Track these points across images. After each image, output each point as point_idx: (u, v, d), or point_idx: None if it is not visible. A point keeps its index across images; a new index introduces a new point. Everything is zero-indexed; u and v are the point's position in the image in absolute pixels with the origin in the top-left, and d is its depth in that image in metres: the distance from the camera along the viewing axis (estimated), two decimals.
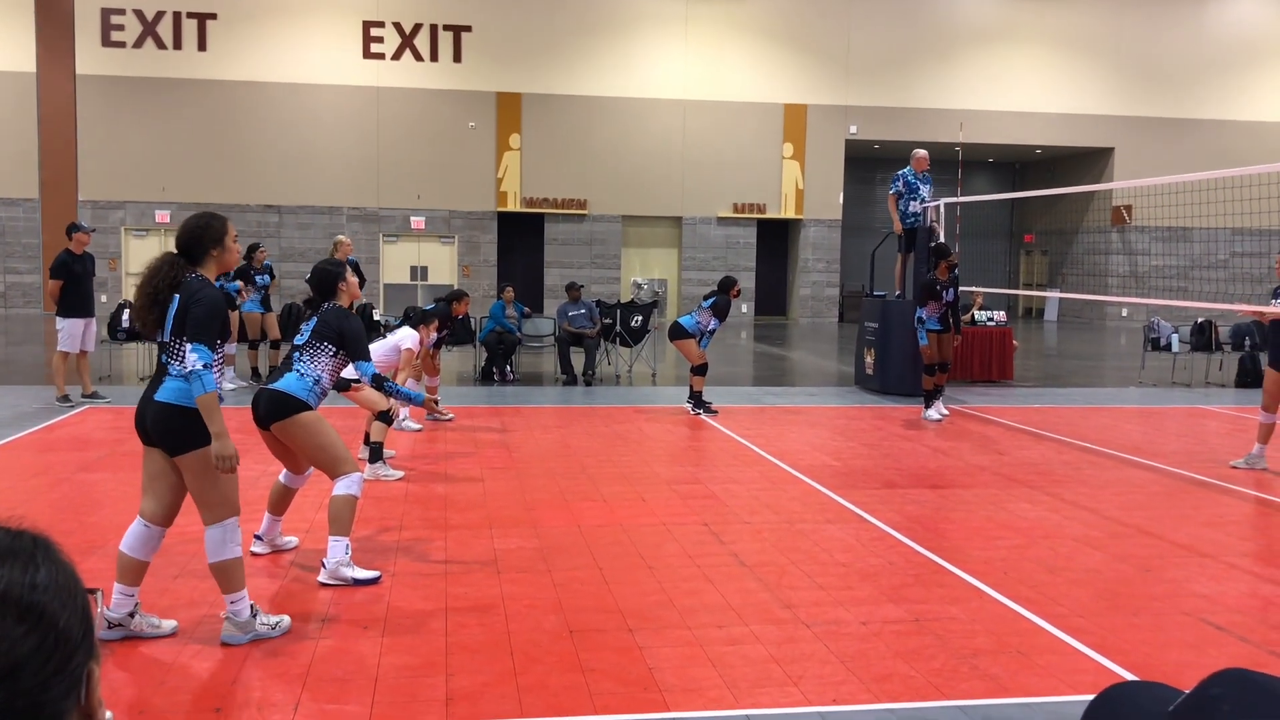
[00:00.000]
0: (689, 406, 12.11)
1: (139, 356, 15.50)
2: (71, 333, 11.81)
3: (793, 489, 8.27)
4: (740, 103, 28.81)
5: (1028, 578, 5.98)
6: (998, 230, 34.80)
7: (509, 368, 14.93)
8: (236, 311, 13.68)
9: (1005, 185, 34.79)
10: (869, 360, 14.56)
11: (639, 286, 28.33)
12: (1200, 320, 16.75)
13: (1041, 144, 30.65)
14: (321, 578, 5.67)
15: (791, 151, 29.31)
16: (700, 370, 12.10)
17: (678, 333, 12.22)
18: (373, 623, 5.08)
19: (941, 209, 14.23)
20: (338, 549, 5.65)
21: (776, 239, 30.66)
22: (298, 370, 5.77)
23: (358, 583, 5.64)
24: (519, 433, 10.65)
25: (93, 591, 1.05)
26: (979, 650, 4.83)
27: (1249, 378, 15.96)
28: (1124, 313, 30.84)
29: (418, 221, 27.80)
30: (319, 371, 5.77)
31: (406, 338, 9.26)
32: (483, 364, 15.17)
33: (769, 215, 29.49)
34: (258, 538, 6.26)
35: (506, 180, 28.09)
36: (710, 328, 12.18)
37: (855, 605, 5.44)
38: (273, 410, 5.66)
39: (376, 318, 15.61)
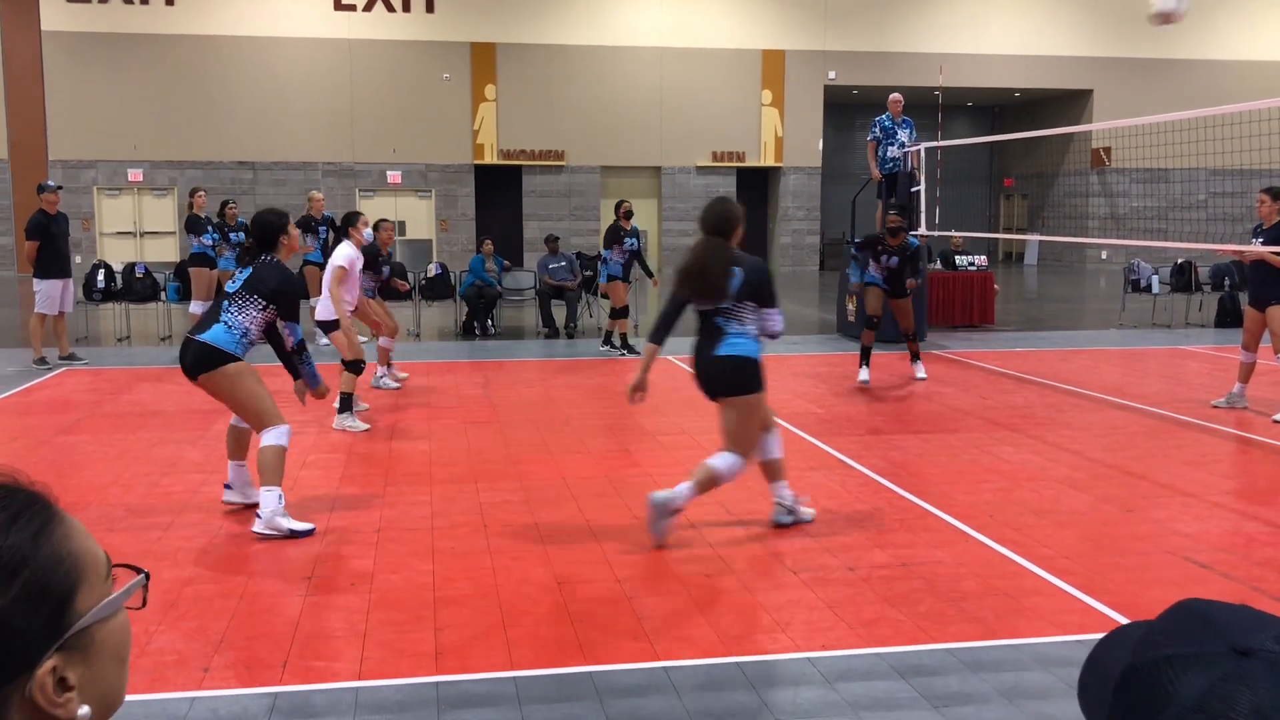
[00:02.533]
0: (615, 350, 12.96)
1: (115, 317, 15.35)
2: (49, 294, 11.67)
3: None
4: (717, 49, 28.52)
5: (1013, 520, 6.00)
6: (977, 174, 34.71)
7: (490, 321, 14.85)
8: (214, 270, 13.54)
9: (985, 129, 34.65)
10: (850, 308, 14.54)
11: None
12: (1180, 261, 16.78)
13: (1020, 87, 30.50)
14: (256, 528, 5.66)
15: (770, 98, 29.08)
16: (620, 313, 13.05)
17: (607, 278, 13.12)
18: (359, 579, 5.06)
19: (922, 153, 14.16)
20: (270, 499, 5.65)
21: (756, 187, 30.48)
22: (225, 322, 5.77)
23: (293, 534, 5.64)
24: (501, 386, 10.61)
25: (136, 570, 0.97)
26: (966, 593, 4.85)
27: (1229, 318, 16.03)
28: (1103, 255, 30.87)
29: (394, 176, 27.51)
30: (246, 324, 5.78)
31: (339, 255, 8.91)
32: (463, 318, 15.09)
33: (748, 164, 29.31)
34: (227, 487, 6.22)
35: (483, 132, 27.78)
36: (615, 258, 12.89)
37: (842, 551, 5.45)
38: (199, 362, 5.70)
39: None
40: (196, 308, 13.32)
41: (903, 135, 13.98)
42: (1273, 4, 30.64)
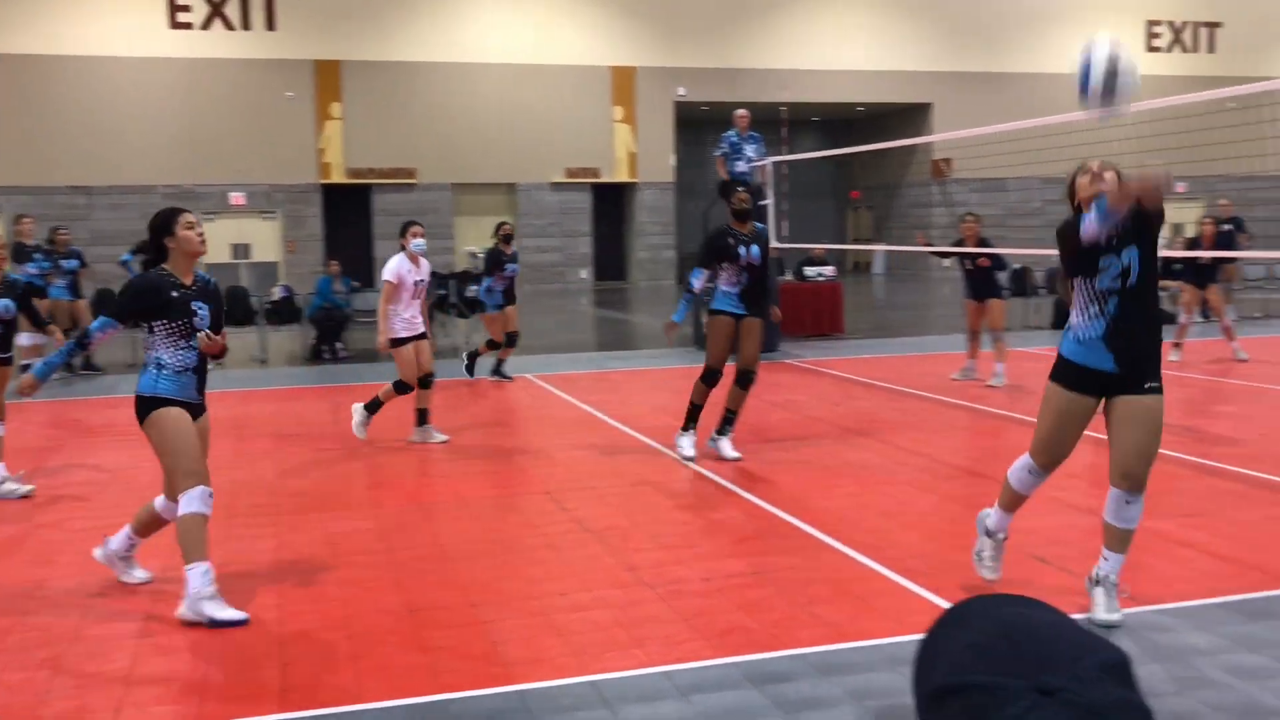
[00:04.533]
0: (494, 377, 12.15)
1: None
2: None
3: (636, 452, 8.28)
4: (567, 66, 28.57)
5: (863, 524, 6.12)
6: (825, 188, 35.57)
7: (339, 344, 14.51)
8: (44, 300, 12.89)
9: (832, 143, 35.53)
10: (706, 321, 14.70)
11: (474, 255, 27.88)
12: (1017, 266, 17.47)
13: (863, 101, 31.40)
14: (181, 612, 4.78)
15: (622, 114, 29.27)
16: (511, 341, 12.11)
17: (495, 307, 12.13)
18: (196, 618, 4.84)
19: (769, 168, 14.42)
20: (194, 577, 4.76)
21: (612, 203, 30.62)
22: (145, 361, 4.99)
23: (215, 624, 4.69)
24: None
25: None
26: (817, 598, 4.91)
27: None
28: (945, 263, 31.94)
29: (237, 197, 26.69)
30: (155, 353, 4.93)
31: (386, 269, 8.81)
32: (311, 342, 14.71)
33: (603, 179, 29.43)
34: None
35: (329, 151, 27.21)
36: (497, 286, 11.97)
37: (698, 562, 5.47)
38: (138, 416, 4.94)
39: None
40: (24, 339, 12.64)
41: (750, 150, 14.22)
42: (1100, 19, 32.28)
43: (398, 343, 8.64)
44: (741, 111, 14.36)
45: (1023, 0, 31.59)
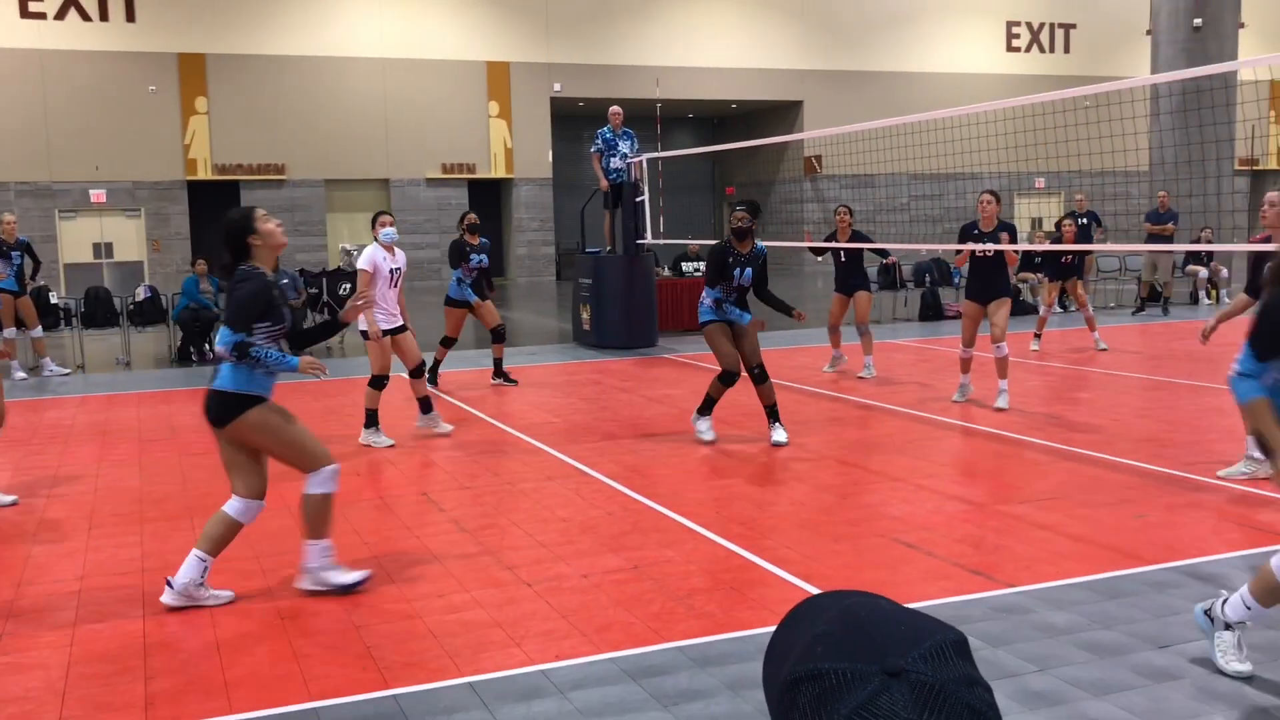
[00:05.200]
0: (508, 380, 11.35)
1: None
2: None
3: (514, 450, 8.25)
4: (441, 60, 28.25)
5: (738, 515, 6.21)
6: (701, 184, 35.91)
7: (206, 346, 14.09)
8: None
9: (706, 139, 35.88)
10: (585, 316, 14.72)
11: (348, 253, 27.35)
12: (885, 261, 17.90)
13: (736, 99, 31.79)
14: (302, 584, 5.06)
15: (497, 110, 29.06)
16: (498, 336, 11.21)
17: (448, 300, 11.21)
18: (58, 627, 4.67)
19: (644, 164, 14.51)
20: (317, 552, 5.03)
21: (489, 199, 30.39)
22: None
23: (344, 589, 5.01)
24: None
25: None
26: (694, 590, 4.97)
27: (930, 312, 17.29)
28: (819, 259, 32.57)
29: (98, 194, 25.68)
30: None
31: (361, 258, 8.55)
32: (178, 344, 14.25)
33: (479, 175, 29.18)
34: (168, 584, 5.00)
35: (195, 147, 26.37)
36: (466, 279, 10.98)
37: (576, 559, 5.48)
38: (218, 415, 4.96)
39: (55, 301, 14.36)
40: None
41: (624, 146, 14.28)
42: (963, 20, 33.28)
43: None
44: (615, 109, 14.41)
45: (888, 1, 32.39)
